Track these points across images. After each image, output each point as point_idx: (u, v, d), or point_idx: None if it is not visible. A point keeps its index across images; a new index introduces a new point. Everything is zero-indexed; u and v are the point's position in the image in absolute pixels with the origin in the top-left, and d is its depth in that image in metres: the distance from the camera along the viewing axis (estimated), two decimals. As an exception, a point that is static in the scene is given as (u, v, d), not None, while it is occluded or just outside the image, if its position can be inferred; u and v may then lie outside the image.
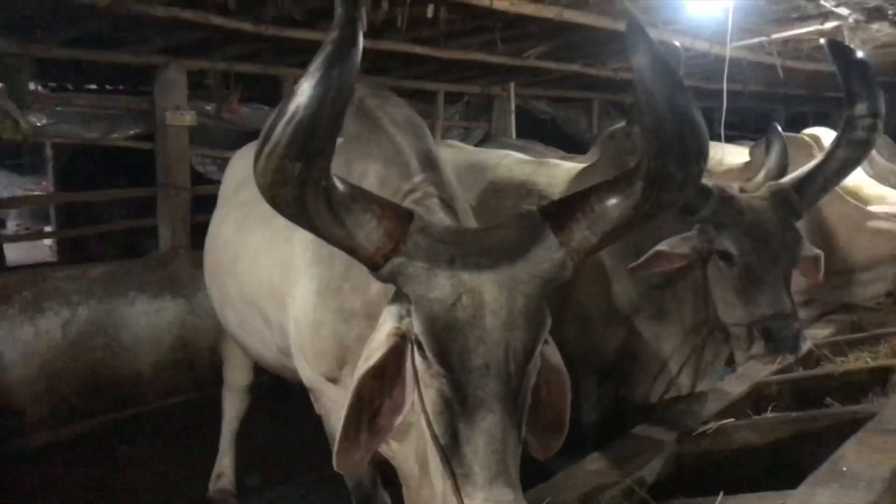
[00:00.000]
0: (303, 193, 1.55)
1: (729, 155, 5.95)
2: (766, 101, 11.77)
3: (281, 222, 1.70)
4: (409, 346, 1.78)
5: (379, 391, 1.83)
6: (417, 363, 1.75)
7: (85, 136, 5.21)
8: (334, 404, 2.60)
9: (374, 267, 1.70)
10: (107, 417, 5.08)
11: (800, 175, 3.13)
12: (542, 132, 8.92)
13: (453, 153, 4.38)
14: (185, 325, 5.54)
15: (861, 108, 2.93)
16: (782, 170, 3.54)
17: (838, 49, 3.05)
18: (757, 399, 3.59)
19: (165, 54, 5.30)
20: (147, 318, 5.34)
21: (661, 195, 1.65)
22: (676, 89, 1.59)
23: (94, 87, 6.52)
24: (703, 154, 1.66)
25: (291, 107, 1.46)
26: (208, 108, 5.84)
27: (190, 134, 5.62)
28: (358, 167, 2.47)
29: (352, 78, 1.51)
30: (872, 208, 5.10)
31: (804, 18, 6.05)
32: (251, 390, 4.19)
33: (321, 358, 2.48)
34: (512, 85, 8.20)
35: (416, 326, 1.69)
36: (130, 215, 6.19)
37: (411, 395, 1.82)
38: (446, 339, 1.64)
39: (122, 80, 6.28)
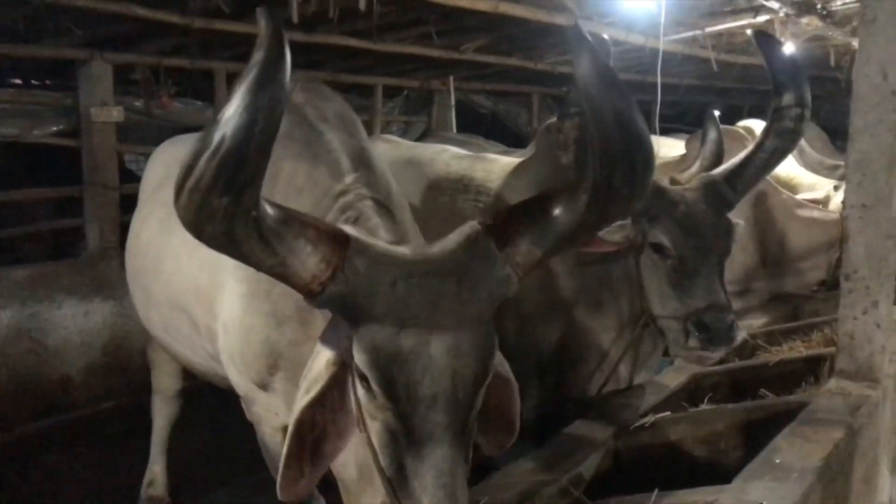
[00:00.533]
0: (231, 227, 1.44)
1: (665, 147, 6.00)
2: (702, 94, 11.95)
3: None
4: (351, 374, 1.70)
5: (321, 419, 1.75)
6: (360, 395, 1.67)
7: (4, 132, 4.98)
8: (266, 412, 2.51)
9: (311, 295, 1.58)
10: (34, 425, 4.88)
11: (730, 166, 3.14)
12: (482, 126, 8.90)
13: (389, 148, 4.30)
14: (116, 327, 5.36)
15: (788, 98, 2.95)
16: (717, 160, 3.55)
17: (765, 40, 3.06)
18: (694, 390, 3.62)
19: (89, 48, 5.10)
20: (75, 321, 5.15)
21: (606, 209, 1.62)
22: (623, 102, 1.56)
23: (17, 81, 6.25)
24: (649, 167, 1.62)
25: (216, 137, 1.35)
26: (137, 103, 5.65)
27: (120, 130, 5.43)
28: (286, 167, 2.36)
29: (282, 102, 1.42)
30: (800, 196, 5.21)
31: (737, 12, 6.13)
32: (182, 395, 4.06)
33: (251, 364, 2.38)
34: (451, 79, 8.14)
35: (359, 358, 1.60)
36: (61, 215, 5.96)
37: (355, 423, 1.74)
38: (391, 371, 1.55)
39: (49, 74, 6.03)
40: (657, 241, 3.03)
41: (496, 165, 3.96)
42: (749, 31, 3.10)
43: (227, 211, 1.41)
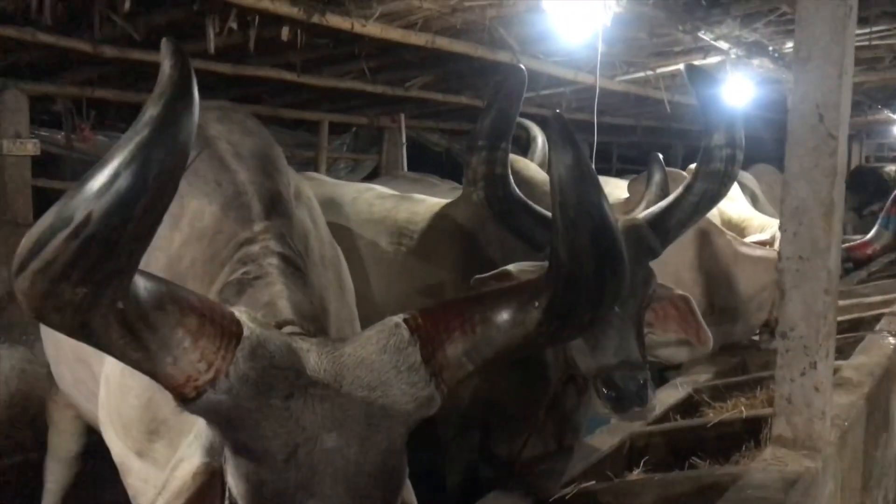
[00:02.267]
0: (86, 320, 1.11)
1: (618, 189, 5.80)
2: (662, 136, 11.89)
3: None
4: (222, 491, 1.38)
5: None
6: None
7: None
8: (144, 485, 2.14)
9: (182, 399, 1.25)
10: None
11: (656, 210, 2.91)
12: (436, 164, 8.67)
13: (311, 186, 4.03)
14: (26, 376, 4.96)
15: (719, 137, 2.74)
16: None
17: (695, 74, 2.86)
18: (629, 453, 3.36)
19: (2, 76, 4.80)
20: (-22, 368, 4.77)
21: (560, 332, 1.37)
22: (604, 221, 1.31)
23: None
24: (619, 295, 1.39)
25: (79, 212, 1.02)
26: (59, 136, 5.34)
27: (38, 164, 5.11)
28: (192, 206, 2.04)
29: (180, 170, 1.11)
30: (748, 238, 5.01)
31: (687, 52, 5.98)
32: (79, 459, 3.69)
33: (129, 429, 2.05)
34: (402, 116, 7.93)
35: (234, 485, 1.29)
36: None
37: None
38: None
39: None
40: None
41: (421, 206, 3.71)
42: (680, 66, 2.89)
43: (81, 304, 1.08)
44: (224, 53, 4.68)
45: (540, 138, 4.08)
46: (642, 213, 2.98)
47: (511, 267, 2.79)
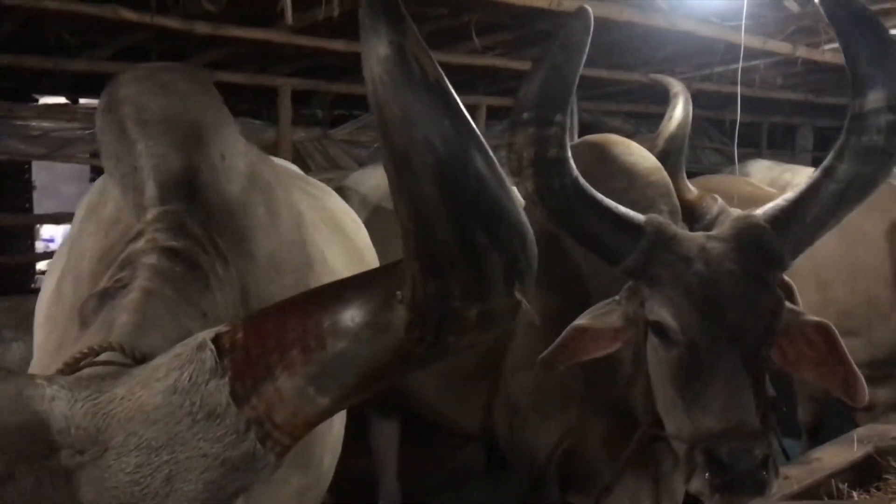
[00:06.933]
0: None
1: (799, 177, 4.74)
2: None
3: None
4: None
5: None
6: None
7: (29, 152, 4.69)
8: None
9: None
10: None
11: (780, 205, 2.05)
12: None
13: (374, 176, 3.60)
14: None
15: (876, 97, 1.88)
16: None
17: (835, 5, 1.98)
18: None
19: (125, 61, 4.71)
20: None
21: (443, 337, 0.93)
22: (458, 151, 0.85)
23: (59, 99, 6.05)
24: (523, 273, 0.92)
25: None
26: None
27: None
28: (94, 189, 1.78)
29: None
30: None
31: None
32: None
33: None
34: (574, 98, 7.17)
35: None
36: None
37: None
38: None
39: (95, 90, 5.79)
40: (656, 319, 2.02)
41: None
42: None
43: None
44: (338, 29, 4.28)
45: (681, 98, 3.22)
46: (762, 208, 2.11)
47: (581, 320, 2.11)
